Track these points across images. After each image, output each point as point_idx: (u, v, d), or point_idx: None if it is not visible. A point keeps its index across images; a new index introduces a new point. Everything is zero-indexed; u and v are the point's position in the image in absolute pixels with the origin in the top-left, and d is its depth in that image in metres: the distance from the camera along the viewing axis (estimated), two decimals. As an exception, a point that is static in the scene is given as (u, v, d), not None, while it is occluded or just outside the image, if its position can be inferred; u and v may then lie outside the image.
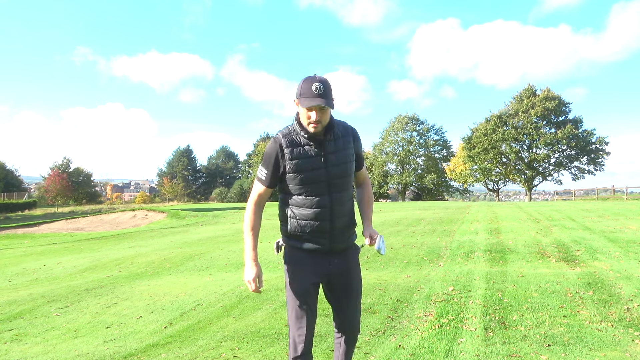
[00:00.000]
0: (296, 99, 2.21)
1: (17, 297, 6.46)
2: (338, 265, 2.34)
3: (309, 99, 2.13)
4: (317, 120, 2.15)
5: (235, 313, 4.87)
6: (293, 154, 2.21)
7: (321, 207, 2.23)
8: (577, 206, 18.31)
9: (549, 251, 7.53)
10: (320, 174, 2.22)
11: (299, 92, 2.19)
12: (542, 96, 43.99)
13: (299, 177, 2.21)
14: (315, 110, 2.14)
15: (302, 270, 2.30)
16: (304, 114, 2.18)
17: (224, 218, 23.97)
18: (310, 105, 2.12)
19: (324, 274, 2.33)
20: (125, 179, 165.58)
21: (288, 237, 2.33)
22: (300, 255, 2.31)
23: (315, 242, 2.27)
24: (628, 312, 4.20)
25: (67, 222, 28.66)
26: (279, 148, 2.22)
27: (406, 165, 53.85)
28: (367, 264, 7.35)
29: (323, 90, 2.14)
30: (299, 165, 2.20)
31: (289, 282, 2.31)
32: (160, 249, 11.43)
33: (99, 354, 3.82)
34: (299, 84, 2.21)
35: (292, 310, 2.28)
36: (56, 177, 50.69)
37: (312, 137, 2.22)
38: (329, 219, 2.25)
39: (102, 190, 73.16)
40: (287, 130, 2.27)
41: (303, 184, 2.22)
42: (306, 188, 2.22)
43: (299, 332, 2.26)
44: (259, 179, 2.30)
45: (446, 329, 3.95)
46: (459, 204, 27.83)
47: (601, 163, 43.79)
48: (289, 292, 2.30)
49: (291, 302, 2.29)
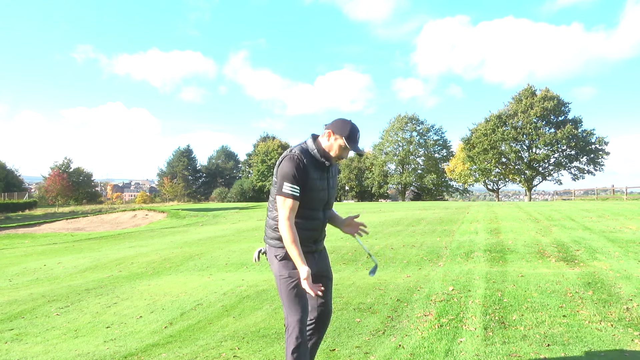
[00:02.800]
0: (337, 135, 2.52)
1: (18, 297, 6.47)
2: (319, 260, 2.74)
3: (355, 144, 2.53)
4: (344, 158, 2.61)
5: (235, 313, 4.88)
6: (312, 174, 2.52)
7: (315, 220, 2.61)
8: (576, 206, 18.32)
9: (549, 251, 7.54)
10: (324, 194, 2.61)
11: (344, 132, 2.51)
12: (540, 96, 43.98)
13: (310, 195, 2.52)
14: (348, 152, 2.56)
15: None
16: (337, 149, 2.54)
17: (224, 218, 23.98)
18: (354, 151, 2.53)
19: (312, 268, 2.61)
20: (126, 179, 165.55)
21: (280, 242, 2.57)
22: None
23: (306, 247, 2.60)
24: (627, 312, 4.20)
25: (67, 222, 28.67)
26: (302, 166, 2.49)
27: (406, 165, 53.86)
28: (367, 264, 7.36)
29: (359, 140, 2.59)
30: (314, 184, 2.53)
31: (290, 273, 2.52)
32: (160, 249, 11.44)
33: (100, 354, 3.82)
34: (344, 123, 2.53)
35: (292, 296, 2.50)
36: (56, 177, 50.66)
37: (323, 163, 2.58)
38: (320, 229, 2.68)
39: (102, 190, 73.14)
40: (305, 151, 2.56)
41: (310, 200, 2.53)
42: (311, 204, 2.55)
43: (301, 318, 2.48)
44: (292, 195, 2.47)
45: (446, 328, 3.96)
46: (458, 204, 27.84)
47: (601, 163, 43.81)
48: (291, 281, 2.51)
49: (291, 289, 2.51)
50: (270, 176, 54.40)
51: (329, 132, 2.55)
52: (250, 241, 11.69)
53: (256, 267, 7.78)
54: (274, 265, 2.59)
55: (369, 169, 55.09)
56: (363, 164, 56.21)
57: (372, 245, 9.14)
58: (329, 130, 2.54)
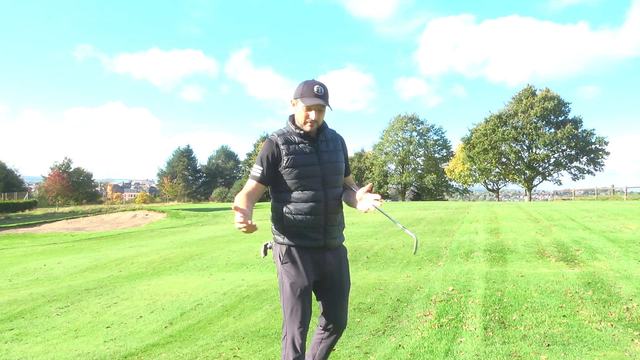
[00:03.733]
0: (295, 99, 2.36)
1: (18, 297, 6.47)
2: (332, 263, 2.42)
3: (310, 98, 2.29)
4: (315, 119, 2.32)
5: (235, 313, 4.88)
6: (289, 150, 2.33)
7: (316, 201, 2.33)
8: (576, 206, 18.32)
9: (549, 251, 7.54)
10: (315, 169, 2.34)
11: (299, 93, 2.33)
12: (540, 96, 43.99)
13: (294, 172, 2.31)
14: (314, 109, 2.31)
15: (300, 268, 2.33)
16: (302, 113, 2.33)
17: (224, 218, 23.97)
18: (311, 104, 2.28)
19: (320, 273, 2.40)
20: (126, 179, 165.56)
21: (284, 235, 2.37)
22: (298, 254, 2.35)
23: (311, 238, 2.34)
24: (627, 312, 4.20)
25: (67, 222, 28.67)
26: (274, 146, 2.33)
27: (406, 165, 53.87)
28: (367, 264, 7.36)
29: (323, 92, 2.31)
30: (295, 160, 2.31)
31: (287, 282, 2.32)
32: (160, 249, 11.44)
33: (100, 354, 3.82)
34: (299, 85, 2.36)
35: (290, 310, 2.30)
36: (56, 177, 50.67)
37: (306, 136, 2.37)
38: (324, 213, 2.35)
39: (102, 190, 73.16)
40: (281, 132, 2.40)
41: (299, 178, 2.31)
42: (302, 182, 2.32)
43: (299, 331, 2.28)
44: (253, 176, 2.34)
45: (446, 328, 3.96)
46: (458, 204, 27.83)
47: (601, 163, 43.83)
48: (287, 291, 2.31)
49: (290, 301, 2.30)
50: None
51: (291, 102, 2.40)
52: (250, 241, 11.69)
53: (256, 267, 7.78)
54: (277, 266, 2.41)
55: (369, 169, 55.09)
56: (363, 164, 56.21)
57: (372, 245, 9.14)
58: (291, 101, 2.40)
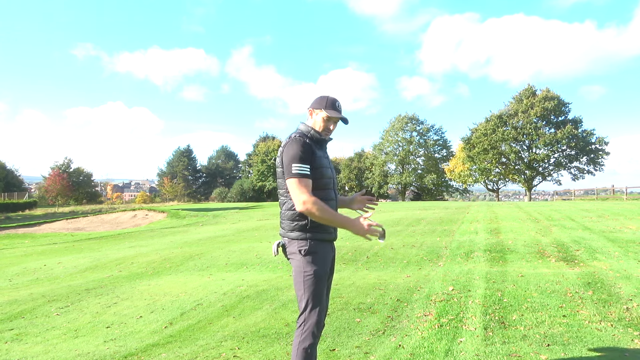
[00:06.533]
0: (316, 109, 2.61)
1: (18, 297, 6.47)
2: (334, 254, 2.72)
3: (334, 111, 2.60)
4: (332, 129, 2.64)
5: (235, 313, 4.88)
6: (318, 152, 2.56)
7: (331, 200, 2.59)
8: (576, 206, 18.32)
9: (549, 251, 7.54)
10: (329, 171, 2.62)
11: (323, 104, 2.61)
12: (541, 96, 44.01)
13: (320, 171, 2.52)
14: (334, 122, 2.63)
15: (323, 259, 2.54)
16: (322, 123, 2.60)
17: (224, 218, 23.98)
18: (336, 116, 2.58)
19: (331, 262, 2.65)
20: (126, 179, 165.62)
21: (307, 231, 2.51)
22: (321, 246, 2.54)
23: (330, 232, 2.58)
24: (627, 312, 4.21)
25: (67, 222, 28.68)
26: (307, 144, 2.50)
27: (406, 165, 53.87)
28: (367, 264, 7.36)
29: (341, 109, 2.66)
30: (321, 161, 2.55)
31: (312, 270, 2.47)
32: (160, 249, 11.44)
33: (100, 354, 3.82)
34: (321, 98, 2.64)
35: (316, 297, 2.46)
36: (56, 177, 50.66)
37: (323, 142, 2.65)
38: (334, 209, 2.62)
39: (102, 190, 73.15)
40: (306, 133, 2.60)
41: (322, 178, 2.53)
42: (324, 181, 2.55)
43: (323, 315, 2.49)
44: (305, 174, 2.43)
45: (446, 328, 3.96)
46: (459, 204, 27.83)
47: (600, 163, 43.82)
48: (312, 279, 2.46)
49: (316, 287, 2.46)
50: (271, 176, 54.38)
51: (310, 110, 2.66)
52: (250, 241, 11.69)
53: (256, 267, 7.78)
54: (295, 260, 2.50)
55: (369, 169, 55.09)
56: (363, 164, 56.22)
57: (372, 245, 9.14)
58: (310, 109, 2.66)
